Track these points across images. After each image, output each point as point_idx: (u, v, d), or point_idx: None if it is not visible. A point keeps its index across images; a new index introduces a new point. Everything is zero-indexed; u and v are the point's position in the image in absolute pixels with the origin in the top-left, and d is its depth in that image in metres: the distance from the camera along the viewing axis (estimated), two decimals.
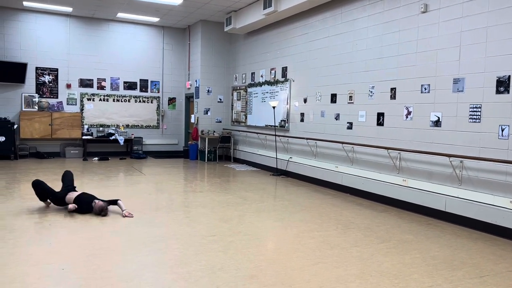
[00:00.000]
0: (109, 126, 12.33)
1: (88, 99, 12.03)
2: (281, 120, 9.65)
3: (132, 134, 12.53)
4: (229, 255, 4.09)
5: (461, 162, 5.51)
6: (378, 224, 5.44)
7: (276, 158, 9.68)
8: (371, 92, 7.04)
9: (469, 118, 5.43)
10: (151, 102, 12.93)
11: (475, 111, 5.36)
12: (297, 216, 5.77)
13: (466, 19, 5.48)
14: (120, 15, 11.48)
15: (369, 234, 4.98)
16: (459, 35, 5.57)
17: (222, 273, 3.61)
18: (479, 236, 5.01)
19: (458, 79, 5.58)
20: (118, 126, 12.42)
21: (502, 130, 5.03)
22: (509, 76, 4.96)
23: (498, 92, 5.09)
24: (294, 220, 5.57)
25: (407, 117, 6.36)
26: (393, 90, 6.62)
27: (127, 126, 12.58)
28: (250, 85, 11.13)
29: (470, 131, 5.41)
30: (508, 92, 4.97)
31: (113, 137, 11.99)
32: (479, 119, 5.30)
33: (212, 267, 3.73)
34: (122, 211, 5.54)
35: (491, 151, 5.14)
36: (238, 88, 11.92)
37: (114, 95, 12.37)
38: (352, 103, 7.47)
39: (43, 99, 11.46)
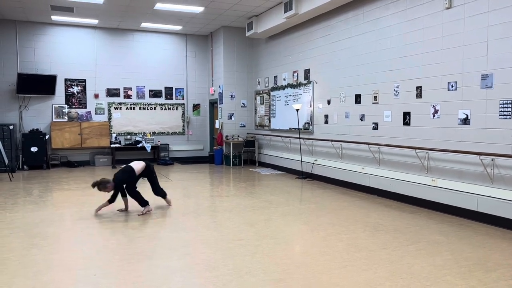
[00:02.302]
0: (136, 134, 12.58)
1: (115, 108, 12.32)
2: (305, 123, 9.61)
3: (159, 141, 12.74)
4: (256, 259, 4.10)
5: (492, 160, 5.35)
6: (407, 226, 5.34)
7: (301, 161, 9.63)
8: (396, 91, 6.93)
9: (499, 115, 5.27)
10: (176, 109, 13.12)
11: (505, 107, 5.20)
12: (324, 219, 5.72)
13: (493, 13, 5.33)
14: (144, 24, 11.73)
15: (398, 236, 4.89)
16: (486, 30, 5.43)
17: (250, 277, 3.62)
18: None
19: (487, 75, 5.43)
20: (145, 133, 12.66)
21: None
22: None
23: None
24: (320, 223, 5.53)
25: (434, 115, 6.23)
26: (418, 88, 6.49)
27: (154, 133, 12.80)
28: (273, 89, 11.14)
29: (501, 128, 5.25)
30: None
31: (140, 144, 12.22)
32: (510, 115, 5.14)
33: (239, 271, 3.75)
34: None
35: None
36: (261, 92, 11.95)
37: (140, 103, 12.62)
38: (377, 103, 7.37)
39: (72, 110, 11.80)
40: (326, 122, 8.88)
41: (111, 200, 6.03)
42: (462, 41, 5.76)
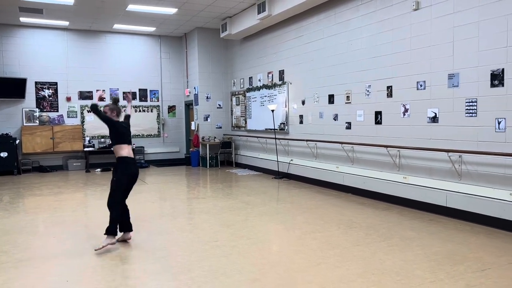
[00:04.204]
0: None
1: (89, 111, 12.10)
2: (281, 123, 9.69)
3: (134, 144, 12.58)
4: (232, 259, 4.12)
5: (460, 157, 5.53)
6: (380, 222, 5.47)
7: (277, 161, 9.71)
8: (368, 91, 7.08)
9: (466, 113, 5.45)
10: (151, 111, 12.99)
11: (471, 106, 5.39)
12: (300, 218, 5.79)
13: (457, 15, 5.52)
14: (117, 26, 11.58)
15: (371, 232, 5.01)
16: (451, 30, 5.61)
17: (225, 278, 3.64)
18: (481, 230, 5.02)
19: (453, 74, 5.61)
20: None
21: (499, 123, 5.05)
22: (503, 69, 4.99)
23: (492, 85, 5.11)
24: (296, 222, 5.60)
25: (404, 114, 6.39)
26: (389, 88, 6.65)
27: None
28: (248, 90, 11.18)
29: (467, 126, 5.44)
30: (503, 85, 5.00)
31: None
32: (476, 113, 5.33)
33: (215, 272, 3.76)
34: None
35: (489, 144, 5.16)
36: (236, 93, 11.98)
37: None
38: (350, 103, 7.50)
39: (43, 113, 11.54)
40: (301, 122, 8.97)
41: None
42: (429, 41, 5.93)
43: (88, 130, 12.11)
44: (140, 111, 12.82)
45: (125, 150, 4.81)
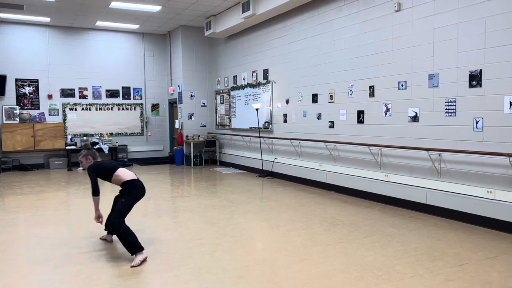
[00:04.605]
0: (93, 135, 12.27)
1: (70, 109, 11.95)
2: (265, 122, 9.74)
3: (117, 142, 12.48)
4: (216, 257, 4.15)
5: (439, 155, 5.67)
6: (362, 220, 5.57)
7: (262, 159, 9.76)
8: (351, 90, 7.18)
9: (445, 112, 5.59)
10: (134, 109, 12.90)
11: (450, 105, 5.53)
12: (284, 216, 5.86)
13: (438, 16, 5.65)
14: (99, 23, 11.45)
15: (354, 229, 5.10)
16: (432, 32, 5.74)
17: (210, 275, 3.67)
18: (459, 226, 5.17)
19: (433, 74, 5.74)
20: (102, 134, 12.36)
21: (477, 123, 5.20)
22: (481, 70, 5.13)
23: (471, 86, 5.26)
24: (280, 220, 5.66)
25: (386, 113, 6.51)
26: (371, 88, 6.76)
27: (111, 134, 12.52)
28: (233, 88, 11.20)
29: (447, 125, 5.58)
30: (481, 86, 5.15)
31: (97, 146, 11.92)
32: (455, 113, 5.47)
33: (199, 270, 3.79)
34: None
35: (467, 143, 5.30)
36: (221, 91, 11.98)
37: (96, 103, 12.31)
38: (333, 102, 7.60)
39: (24, 111, 11.34)
40: (285, 121, 9.04)
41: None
42: (410, 42, 6.06)
43: (70, 128, 11.95)
44: (123, 109, 12.71)
45: (125, 175, 4.38)
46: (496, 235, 4.79)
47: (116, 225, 4.10)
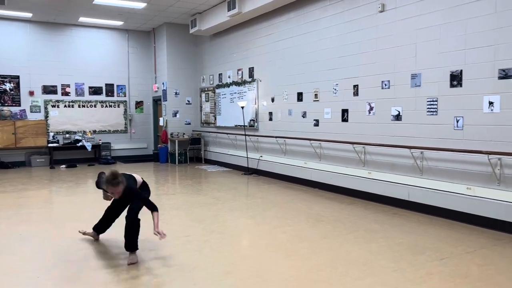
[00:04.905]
0: (76, 132, 12.12)
1: (53, 106, 11.78)
2: (250, 120, 9.80)
3: (100, 140, 12.36)
4: (204, 253, 4.19)
5: (421, 153, 5.82)
6: (346, 216, 5.68)
7: (247, 157, 9.81)
8: (335, 89, 7.29)
9: (427, 111, 5.74)
10: (118, 106, 12.79)
11: (432, 105, 5.68)
12: (269, 213, 5.93)
13: (420, 18, 5.79)
14: (82, 19, 11.31)
15: (338, 225, 5.20)
16: (414, 32, 5.87)
17: (198, 271, 3.71)
18: (440, 222, 5.32)
19: (416, 74, 5.88)
20: (84, 132, 12.22)
21: (457, 121, 5.36)
22: (461, 71, 5.29)
23: (452, 86, 5.41)
24: (266, 216, 5.73)
25: (369, 112, 6.64)
26: (355, 87, 6.88)
27: (94, 131, 12.39)
28: (218, 86, 11.22)
29: (428, 124, 5.72)
30: (461, 86, 5.30)
31: (80, 143, 11.80)
32: (436, 112, 5.62)
33: (188, 266, 3.83)
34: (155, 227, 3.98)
35: (448, 141, 5.46)
36: (206, 89, 11.98)
37: (79, 101, 12.16)
38: (318, 101, 7.70)
39: (4, 108, 11.13)
40: (271, 119, 9.11)
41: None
42: (394, 42, 6.19)
43: (53, 125, 11.79)
44: (106, 106, 12.58)
45: (138, 178, 4.60)
46: (475, 230, 4.95)
47: (134, 218, 4.08)
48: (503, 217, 4.86)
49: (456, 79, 5.36)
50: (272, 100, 9.03)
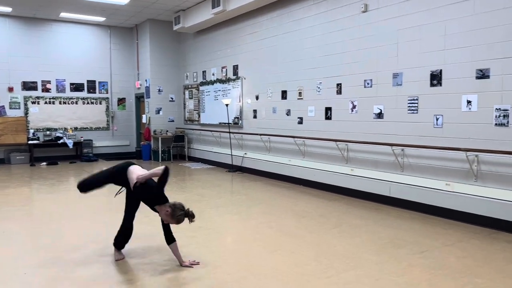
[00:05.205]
0: (57, 129, 11.94)
1: (33, 102, 11.58)
2: (235, 117, 9.85)
3: (81, 137, 12.21)
4: (191, 249, 4.24)
5: (402, 150, 5.99)
6: (330, 212, 5.80)
7: (231, 154, 9.86)
8: (319, 88, 7.40)
9: (408, 110, 5.90)
10: (100, 103, 12.66)
11: (412, 103, 5.84)
12: (255, 209, 6.00)
13: (402, 18, 5.94)
14: (64, 15, 11.14)
15: (322, 221, 5.32)
16: (396, 33, 6.03)
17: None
18: (420, 217, 5.49)
19: (397, 73, 6.04)
20: (66, 129, 12.06)
21: (437, 120, 5.53)
22: (441, 70, 5.46)
23: (432, 85, 5.58)
24: (251, 213, 5.81)
25: (352, 110, 6.78)
26: (339, 85, 7.01)
27: (76, 128, 12.24)
28: (202, 84, 11.22)
29: (409, 122, 5.89)
30: (441, 85, 5.48)
31: (61, 140, 11.64)
32: (417, 110, 5.79)
33: (175, 261, 3.87)
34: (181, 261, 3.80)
35: (428, 139, 5.63)
36: (189, 86, 11.97)
37: (60, 97, 11.99)
38: (302, 99, 7.80)
39: None
40: (255, 116, 9.19)
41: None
42: (376, 42, 6.33)
43: (33, 122, 11.59)
44: (88, 103, 12.44)
45: None
46: (454, 224, 5.14)
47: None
48: (480, 211, 5.06)
49: (436, 78, 5.53)
50: (257, 98, 9.10)
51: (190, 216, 3.72)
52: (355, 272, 3.61)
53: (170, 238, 3.79)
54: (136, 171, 3.96)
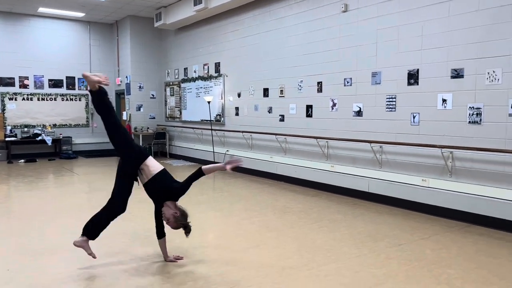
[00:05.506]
0: (35, 126, 11.75)
1: (10, 99, 11.36)
2: (217, 115, 9.89)
3: (60, 134, 12.04)
4: (174, 244, 4.28)
5: (380, 147, 6.15)
6: (311, 207, 5.92)
7: (213, 152, 9.90)
8: (300, 86, 7.52)
9: (386, 108, 6.07)
10: (79, 100, 12.50)
11: (391, 101, 6.01)
12: (237, 206, 6.08)
13: (380, 18, 6.10)
14: (42, 10, 10.95)
15: (303, 216, 5.43)
16: (375, 33, 6.18)
17: (169, 262, 3.81)
18: (398, 212, 5.67)
19: (376, 72, 6.20)
20: (44, 126, 11.87)
21: (414, 117, 5.71)
22: (418, 69, 5.63)
23: (409, 84, 5.76)
24: (234, 209, 5.88)
25: (332, 108, 6.91)
26: (319, 84, 7.13)
27: (55, 125, 12.06)
28: (184, 81, 11.21)
29: (387, 119, 6.06)
30: (418, 84, 5.65)
31: (39, 137, 11.45)
32: (395, 108, 5.96)
33: (159, 257, 3.91)
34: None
35: (405, 136, 5.81)
36: (171, 83, 11.93)
37: (38, 93, 11.79)
38: (283, 96, 7.91)
39: None
40: (237, 114, 9.25)
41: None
42: (356, 41, 6.47)
43: (10, 119, 11.37)
44: (67, 99, 12.27)
45: None
46: (429, 218, 5.32)
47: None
48: (455, 206, 5.26)
49: (413, 77, 5.70)
50: (239, 95, 9.16)
51: (188, 231, 3.70)
52: (335, 265, 3.73)
53: (162, 233, 3.82)
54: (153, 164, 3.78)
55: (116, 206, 3.75)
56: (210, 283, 3.37)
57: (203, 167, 3.80)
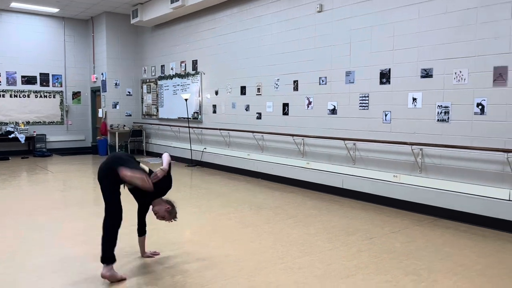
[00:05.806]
0: (7, 123, 11.49)
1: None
2: (194, 112, 9.91)
3: (34, 132, 11.81)
4: (152, 240, 4.32)
5: (354, 144, 6.33)
6: (287, 203, 6.05)
7: (191, 149, 9.92)
8: (277, 84, 7.63)
9: (359, 106, 6.25)
10: (54, 97, 12.29)
11: (364, 100, 6.19)
12: (214, 202, 6.15)
13: (354, 19, 6.26)
14: (14, 4, 10.71)
15: (279, 212, 5.55)
16: (349, 33, 6.34)
17: (147, 257, 3.86)
18: (370, 207, 5.85)
19: (350, 72, 6.37)
20: (17, 123, 11.62)
21: (385, 116, 5.90)
22: (389, 69, 5.82)
23: (381, 83, 5.94)
24: (211, 206, 5.95)
25: (308, 106, 7.06)
26: (295, 82, 7.26)
27: (28, 123, 11.82)
28: (160, 78, 11.17)
29: (361, 117, 6.24)
30: (389, 83, 5.84)
31: (12, 135, 11.21)
32: (367, 106, 6.14)
33: (137, 253, 3.96)
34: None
35: (378, 133, 6.00)
36: (147, 81, 11.87)
37: (11, 90, 11.53)
38: (260, 94, 8.01)
39: None
40: (215, 111, 9.30)
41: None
42: (330, 41, 6.62)
43: None
44: (41, 96, 12.04)
45: None
46: (400, 213, 5.53)
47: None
48: (424, 201, 5.48)
49: (385, 77, 5.89)
50: (216, 93, 9.21)
51: (175, 216, 3.87)
52: (309, 258, 3.86)
53: (143, 231, 3.90)
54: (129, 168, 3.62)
55: (114, 208, 3.75)
56: (187, 277, 3.44)
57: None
